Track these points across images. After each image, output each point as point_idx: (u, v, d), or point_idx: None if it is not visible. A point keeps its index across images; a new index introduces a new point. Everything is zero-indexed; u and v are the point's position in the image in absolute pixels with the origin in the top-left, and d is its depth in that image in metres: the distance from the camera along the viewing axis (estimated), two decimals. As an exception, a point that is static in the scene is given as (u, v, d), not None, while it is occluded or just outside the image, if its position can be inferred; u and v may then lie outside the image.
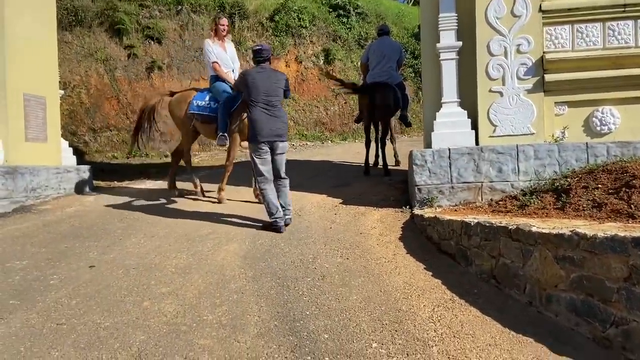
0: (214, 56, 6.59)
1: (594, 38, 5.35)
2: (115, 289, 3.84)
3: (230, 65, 6.72)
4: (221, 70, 6.57)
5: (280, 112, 5.32)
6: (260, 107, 5.17)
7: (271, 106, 5.21)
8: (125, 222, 5.61)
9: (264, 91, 5.18)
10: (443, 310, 3.51)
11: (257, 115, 5.16)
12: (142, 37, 12.84)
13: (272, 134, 5.18)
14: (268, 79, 5.25)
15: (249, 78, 5.22)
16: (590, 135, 5.41)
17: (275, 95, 5.26)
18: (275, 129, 5.20)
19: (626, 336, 2.92)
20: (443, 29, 5.56)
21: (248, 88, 5.21)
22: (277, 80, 5.33)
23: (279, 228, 5.10)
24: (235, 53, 7.02)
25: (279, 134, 5.23)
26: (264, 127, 5.14)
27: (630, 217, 3.55)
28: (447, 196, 5.40)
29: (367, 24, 15.92)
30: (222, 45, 6.74)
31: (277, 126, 5.22)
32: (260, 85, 5.18)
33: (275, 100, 5.26)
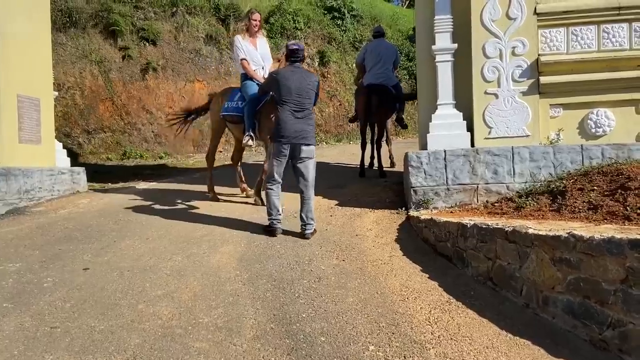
0: (242, 53, 6.33)
1: (588, 41, 5.37)
2: (110, 292, 3.81)
3: (260, 63, 6.41)
4: (249, 68, 6.31)
5: (309, 115, 5.08)
6: (290, 108, 4.97)
7: (301, 108, 5.00)
8: (119, 224, 5.57)
9: (296, 92, 4.98)
10: (440, 313, 3.50)
11: (285, 115, 4.96)
12: (136, 38, 12.80)
13: (297, 135, 4.94)
14: (301, 80, 5.04)
15: (281, 78, 5.03)
16: (585, 137, 5.43)
17: (307, 97, 5.04)
18: (301, 131, 4.96)
19: (623, 338, 2.92)
20: (438, 31, 5.57)
21: (279, 88, 5.01)
22: (310, 82, 5.11)
23: (274, 230, 5.01)
24: (268, 50, 6.67)
25: (304, 137, 4.96)
26: (288, 127, 4.93)
27: (626, 219, 3.55)
28: (443, 198, 5.40)
29: (362, 26, 15.95)
30: (252, 42, 6.46)
31: (302, 128, 4.97)
32: (292, 86, 4.97)
33: (306, 102, 5.04)
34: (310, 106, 5.10)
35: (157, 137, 12.68)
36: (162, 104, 12.91)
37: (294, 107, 4.98)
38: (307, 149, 4.98)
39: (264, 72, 6.31)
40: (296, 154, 4.97)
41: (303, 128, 4.98)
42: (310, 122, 5.08)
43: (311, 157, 5.04)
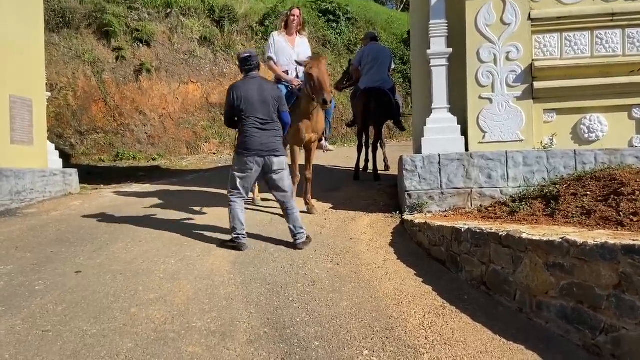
0: (270, 51, 6.08)
1: (582, 46, 5.40)
2: (102, 295, 3.78)
3: (294, 62, 6.03)
4: (276, 69, 6.01)
5: (276, 126, 4.81)
6: (254, 120, 4.66)
7: (265, 120, 4.71)
8: (112, 227, 5.53)
9: (259, 103, 4.68)
10: (434, 317, 3.50)
11: (249, 128, 4.65)
12: (130, 39, 12.77)
13: (264, 148, 4.67)
14: (261, 90, 4.74)
15: (240, 90, 4.71)
16: (579, 142, 5.45)
17: (267, 106, 4.72)
18: (268, 143, 4.68)
19: (616, 344, 2.93)
20: (433, 35, 5.58)
21: (241, 101, 4.66)
22: (271, 90, 4.84)
23: (240, 246, 4.69)
24: (308, 51, 6.24)
25: (272, 149, 4.71)
26: (255, 141, 4.64)
27: (619, 225, 3.57)
28: (437, 202, 5.41)
29: (357, 29, 15.97)
30: (290, 40, 6.15)
31: (269, 140, 4.70)
32: (254, 97, 4.67)
33: (271, 112, 4.75)
34: (274, 116, 4.80)
35: (150, 138, 12.64)
36: (156, 106, 12.88)
37: (259, 118, 4.68)
38: (278, 161, 4.75)
39: (298, 73, 6.05)
40: (267, 167, 4.74)
41: (270, 140, 4.71)
42: (277, 133, 4.81)
43: (284, 168, 4.83)
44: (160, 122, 12.90)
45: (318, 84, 5.37)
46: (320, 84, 5.36)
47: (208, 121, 13.32)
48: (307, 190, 5.92)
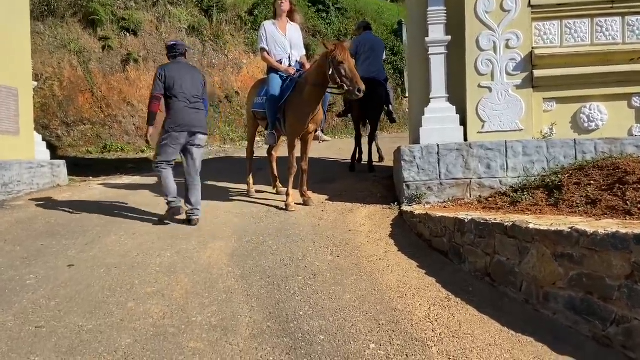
0: (263, 41, 5.88)
1: (582, 34, 5.33)
2: (97, 289, 3.65)
3: (287, 51, 5.89)
4: (270, 59, 5.84)
5: (201, 105, 5.26)
6: (184, 98, 5.06)
7: (196, 99, 5.16)
8: (103, 219, 5.38)
9: (190, 84, 5.12)
10: (439, 309, 3.42)
11: (180, 106, 5.05)
12: (117, 28, 12.49)
13: (194, 124, 5.11)
14: (192, 72, 5.26)
15: (173, 72, 5.07)
16: (578, 131, 5.40)
17: (194, 89, 5.16)
18: (197, 120, 5.15)
19: (627, 335, 2.88)
20: (432, 22, 5.47)
21: (165, 83, 5.03)
22: (196, 74, 5.33)
23: (177, 209, 5.10)
24: (300, 37, 6.10)
25: (201, 125, 5.20)
26: (184, 117, 5.04)
27: (627, 214, 3.52)
28: (436, 193, 5.33)
29: (347, 19, 15.83)
30: (282, 27, 5.94)
31: (198, 117, 5.17)
32: (177, 79, 5.05)
33: (195, 92, 5.16)
34: (199, 96, 5.23)
35: (138, 130, 12.38)
36: (144, 96, 12.59)
37: (190, 97, 5.09)
38: (202, 137, 5.23)
39: (292, 62, 5.90)
40: (191, 141, 5.14)
41: (199, 118, 5.19)
42: (204, 112, 5.31)
43: (203, 145, 5.32)
44: (149, 113, 12.65)
45: (350, 73, 5.13)
46: (353, 73, 5.15)
47: (197, 112, 13.09)
48: (303, 181, 5.81)
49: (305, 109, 5.47)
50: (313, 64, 5.73)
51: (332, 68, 5.13)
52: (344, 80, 5.12)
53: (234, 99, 13.66)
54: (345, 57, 5.13)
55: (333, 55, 5.11)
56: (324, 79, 5.31)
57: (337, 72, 5.12)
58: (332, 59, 5.13)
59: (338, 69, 5.11)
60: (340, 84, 5.15)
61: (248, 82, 14.69)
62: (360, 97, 5.21)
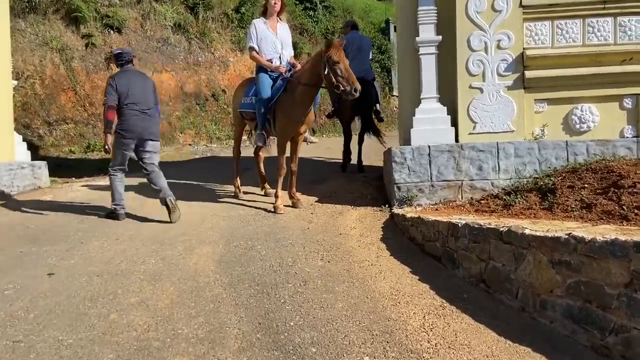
0: (252, 40, 5.70)
1: (573, 35, 5.27)
2: (78, 300, 3.50)
3: (277, 50, 5.73)
4: (259, 58, 5.68)
5: (152, 112, 5.38)
6: (130, 108, 5.20)
7: (147, 107, 5.30)
8: (85, 223, 5.22)
9: (133, 92, 5.22)
10: (434, 318, 3.33)
11: (132, 114, 5.21)
12: (100, 26, 12.23)
13: (144, 131, 5.28)
14: (142, 80, 5.43)
15: (123, 81, 5.24)
16: (570, 133, 5.34)
17: (144, 96, 5.31)
18: (147, 127, 5.30)
19: (627, 344, 2.81)
20: (422, 22, 5.38)
21: (117, 92, 5.18)
22: (146, 81, 5.52)
23: (118, 216, 5.27)
24: (289, 37, 5.98)
25: (150, 132, 5.34)
26: (135, 124, 5.22)
27: (624, 219, 3.45)
28: (427, 195, 5.25)
29: (334, 17, 15.70)
30: (272, 26, 5.79)
31: (147, 125, 5.30)
32: (128, 87, 5.20)
33: (145, 100, 5.30)
34: (151, 103, 5.37)
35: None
36: (128, 95, 12.41)
37: (140, 105, 5.24)
38: (152, 144, 5.38)
39: (282, 62, 5.74)
40: (142, 148, 5.32)
41: (149, 125, 5.32)
42: (155, 119, 5.44)
43: (155, 151, 5.45)
44: (133, 112, 12.44)
45: (346, 73, 5.04)
46: (349, 73, 5.05)
47: (183, 111, 12.91)
48: (292, 183, 5.68)
49: (298, 109, 5.35)
50: (306, 63, 5.61)
51: (327, 68, 5.02)
52: (340, 81, 5.02)
53: (220, 98, 13.48)
54: (341, 57, 5.03)
55: (328, 55, 5.00)
56: (317, 78, 5.20)
57: (332, 72, 5.02)
58: (327, 59, 5.02)
59: (334, 68, 5.01)
60: (336, 84, 5.04)
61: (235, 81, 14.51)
62: (356, 97, 5.11)
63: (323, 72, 5.05)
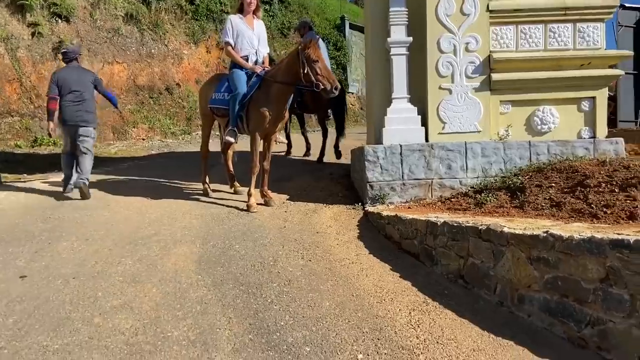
0: (228, 36, 5.63)
1: (536, 39, 5.52)
2: (58, 304, 3.38)
3: (254, 46, 5.69)
4: (234, 54, 5.63)
5: (88, 103, 6.15)
6: (66, 99, 6.03)
7: (78, 98, 6.06)
8: (50, 223, 5.01)
9: (69, 86, 6.03)
10: (420, 314, 3.43)
11: (64, 104, 6.04)
12: (47, 14, 11.68)
13: (76, 119, 6.05)
14: (80, 76, 6.20)
15: (57, 76, 6.13)
16: (532, 134, 5.59)
17: (84, 90, 6.11)
18: (80, 115, 6.07)
19: (602, 336, 2.99)
20: (394, 23, 5.48)
21: (57, 86, 6.03)
22: (85, 75, 6.30)
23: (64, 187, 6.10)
24: (265, 34, 5.92)
25: (83, 119, 6.08)
26: (70, 113, 6.04)
27: (594, 217, 3.66)
28: (399, 193, 5.36)
29: (290, 12, 15.68)
30: (249, 22, 5.73)
31: (81, 113, 6.07)
32: (66, 81, 6.05)
33: (84, 93, 6.10)
34: (89, 95, 6.18)
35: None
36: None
37: (72, 97, 6.03)
38: (84, 129, 6.10)
39: (257, 58, 5.72)
40: (77, 133, 6.07)
41: (82, 113, 6.08)
42: (89, 108, 6.17)
43: (89, 136, 6.16)
44: (83, 105, 11.97)
45: (325, 71, 5.10)
46: (327, 71, 5.11)
47: (136, 104, 12.55)
48: (264, 181, 5.67)
49: (273, 107, 5.34)
50: (281, 61, 5.58)
51: (306, 67, 5.04)
52: (320, 79, 5.05)
53: (175, 91, 13.21)
54: (319, 55, 5.06)
55: (307, 54, 5.01)
56: (295, 77, 5.20)
57: (312, 71, 5.05)
58: (306, 58, 5.03)
59: (313, 67, 5.04)
60: (316, 82, 5.06)
61: (189, 74, 14.24)
62: (336, 95, 5.17)
63: (302, 71, 5.05)
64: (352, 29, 16.77)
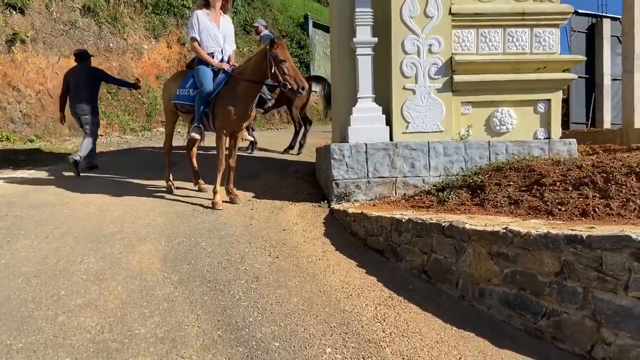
0: (194, 31, 5.56)
1: (495, 43, 5.70)
2: (19, 302, 3.31)
3: (219, 44, 5.65)
4: (200, 50, 5.56)
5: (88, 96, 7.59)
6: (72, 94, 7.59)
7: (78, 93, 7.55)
8: (7, 220, 4.87)
9: (73, 83, 7.59)
10: (385, 309, 3.52)
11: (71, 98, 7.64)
12: (1, 5, 11.27)
13: (78, 110, 7.53)
14: (78, 74, 7.68)
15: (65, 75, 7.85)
16: (491, 134, 5.78)
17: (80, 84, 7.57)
18: (80, 106, 7.51)
19: (557, 327, 3.14)
20: (359, 24, 5.56)
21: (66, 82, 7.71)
22: (86, 73, 7.73)
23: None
24: (232, 31, 5.86)
25: (82, 110, 7.52)
26: (75, 105, 7.56)
27: (549, 214, 3.83)
28: (364, 191, 5.45)
29: (254, 9, 15.60)
30: (215, 18, 5.66)
31: (80, 104, 7.51)
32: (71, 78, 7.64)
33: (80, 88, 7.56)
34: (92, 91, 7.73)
35: (26, 117, 11.33)
36: (32, 80, 11.57)
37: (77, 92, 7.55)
38: (84, 118, 7.56)
39: (223, 56, 5.68)
40: (82, 122, 7.59)
41: (81, 105, 7.51)
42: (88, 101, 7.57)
43: (88, 123, 7.56)
44: (38, 99, 11.60)
45: (293, 71, 5.12)
46: (295, 72, 5.13)
47: (93, 100, 12.23)
48: (230, 179, 5.65)
49: (240, 104, 5.33)
50: (249, 59, 5.58)
51: (274, 66, 5.06)
52: (287, 79, 5.07)
53: (134, 87, 12.92)
54: (287, 55, 5.09)
55: (274, 53, 5.03)
56: (262, 75, 5.22)
57: (279, 71, 5.06)
58: (273, 57, 5.04)
59: (280, 67, 5.06)
60: (283, 82, 5.08)
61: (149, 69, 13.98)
62: (303, 95, 5.20)
63: (269, 70, 5.07)
64: (316, 28, 16.83)
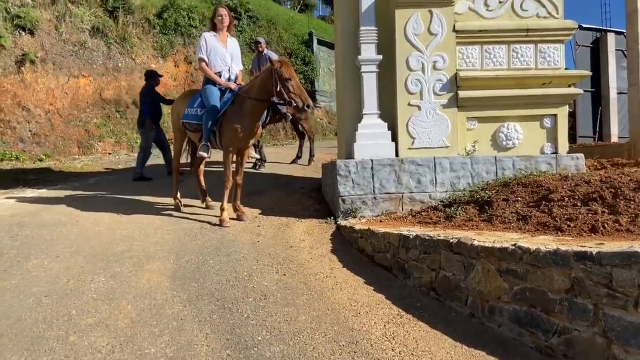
0: (202, 52, 5.71)
1: (500, 59, 5.75)
2: (30, 322, 3.33)
3: (227, 63, 5.78)
4: (208, 70, 5.69)
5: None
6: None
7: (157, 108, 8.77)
8: (17, 240, 4.91)
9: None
10: (394, 327, 3.50)
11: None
12: (11, 26, 11.47)
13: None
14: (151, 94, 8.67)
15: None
16: (497, 149, 5.79)
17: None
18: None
19: (568, 345, 3.12)
20: (364, 42, 5.62)
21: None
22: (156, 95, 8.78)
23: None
24: (239, 51, 6.03)
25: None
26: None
27: (558, 230, 3.82)
28: (370, 207, 5.46)
29: (259, 27, 15.78)
30: (222, 40, 5.83)
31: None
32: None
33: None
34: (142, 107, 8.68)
35: (35, 136, 11.47)
36: (42, 100, 11.74)
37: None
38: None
39: (230, 75, 5.77)
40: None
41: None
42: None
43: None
44: (47, 118, 11.76)
45: (298, 89, 5.19)
46: (300, 90, 5.21)
47: (102, 118, 12.39)
48: (237, 196, 5.69)
49: (246, 122, 5.39)
50: (255, 78, 5.65)
51: (279, 85, 5.13)
52: (292, 97, 5.13)
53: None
54: (292, 74, 5.15)
55: (279, 72, 5.10)
56: (268, 93, 5.27)
57: (284, 89, 5.13)
58: (278, 76, 5.11)
59: (286, 85, 5.12)
60: (289, 100, 5.14)
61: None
62: (307, 112, 5.25)
63: (274, 89, 5.14)
64: (320, 44, 17.00)
